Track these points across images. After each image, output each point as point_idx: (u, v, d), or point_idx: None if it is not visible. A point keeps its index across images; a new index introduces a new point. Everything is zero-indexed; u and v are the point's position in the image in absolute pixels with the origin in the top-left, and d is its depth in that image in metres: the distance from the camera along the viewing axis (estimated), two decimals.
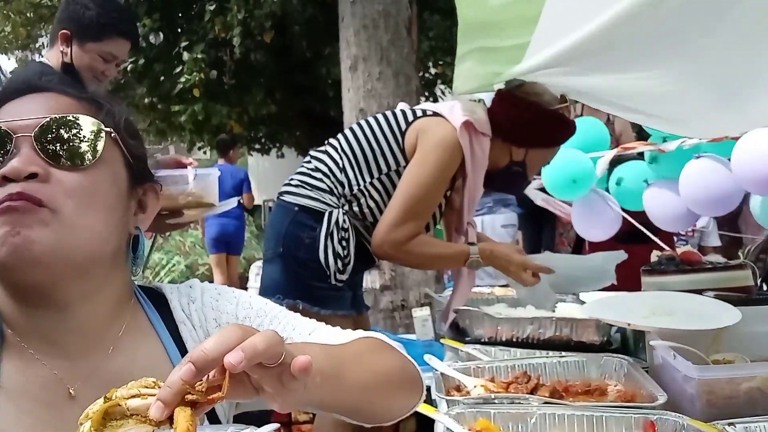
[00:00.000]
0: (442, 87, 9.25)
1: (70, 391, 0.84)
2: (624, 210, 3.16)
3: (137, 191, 0.92)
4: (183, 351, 0.93)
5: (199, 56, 7.14)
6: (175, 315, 0.96)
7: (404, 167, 2.07)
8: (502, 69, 2.28)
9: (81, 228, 0.81)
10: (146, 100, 8.12)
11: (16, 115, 0.83)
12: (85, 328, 0.86)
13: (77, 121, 0.84)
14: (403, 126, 2.10)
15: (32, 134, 0.81)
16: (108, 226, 0.85)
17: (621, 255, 2.09)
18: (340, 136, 2.18)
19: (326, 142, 2.20)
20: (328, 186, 2.10)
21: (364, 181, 2.08)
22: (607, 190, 3.28)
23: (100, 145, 0.84)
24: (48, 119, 0.82)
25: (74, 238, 0.81)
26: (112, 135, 0.87)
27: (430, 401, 1.42)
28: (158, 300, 0.97)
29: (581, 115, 4.28)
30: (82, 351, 0.86)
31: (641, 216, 3.13)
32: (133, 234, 0.92)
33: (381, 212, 2.09)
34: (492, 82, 2.33)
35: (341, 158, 2.11)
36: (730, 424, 1.11)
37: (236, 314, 0.98)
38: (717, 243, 4.76)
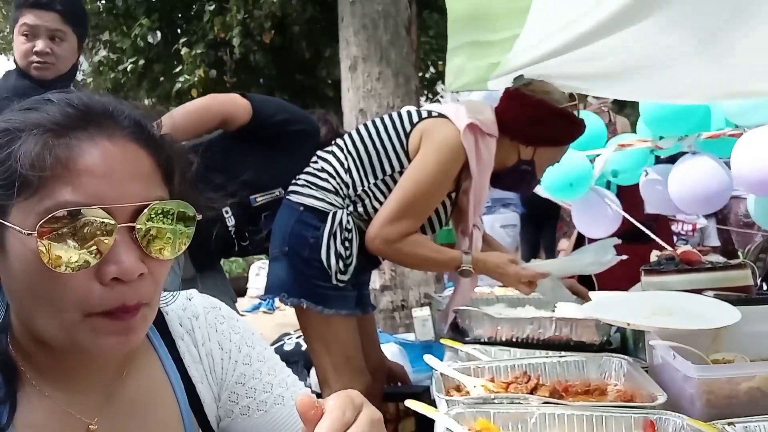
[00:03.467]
0: (442, 87, 9.24)
1: (90, 427, 0.83)
2: (624, 206, 3.17)
3: None
4: (181, 368, 0.93)
5: (199, 52, 7.13)
6: (173, 330, 0.95)
7: None
8: (493, 62, 2.27)
9: (156, 308, 0.82)
10: (146, 101, 8.11)
11: (102, 181, 0.71)
12: (103, 365, 0.86)
13: (173, 207, 0.77)
14: (408, 128, 2.10)
15: (135, 225, 0.73)
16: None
17: (613, 240, 2.09)
18: (346, 136, 2.19)
19: (333, 142, 2.21)
20: (333, 186, 2.10)
21: (369, 182, 2.09)
22: (607, 185, 3.30)
23: (191, 233, 0.80)
24: (146, 206, 0.74)
25: (152, 321, 0.81)
26: (198, 218, 0.81)
27: (429, 401, 1.42)
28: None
29: (584, 107, 4.28)
30: (99, 383, 0.85)
31: (641, 215, 3.13)
32: None
33: None
34: (484, 77, 2.32)
35: (347, 159, 2.12)
36: (729, 424, 1.10)
37: (240, 347, 0.98)
38: (716, 243, 4.76)
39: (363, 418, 0.63)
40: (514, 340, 1.94)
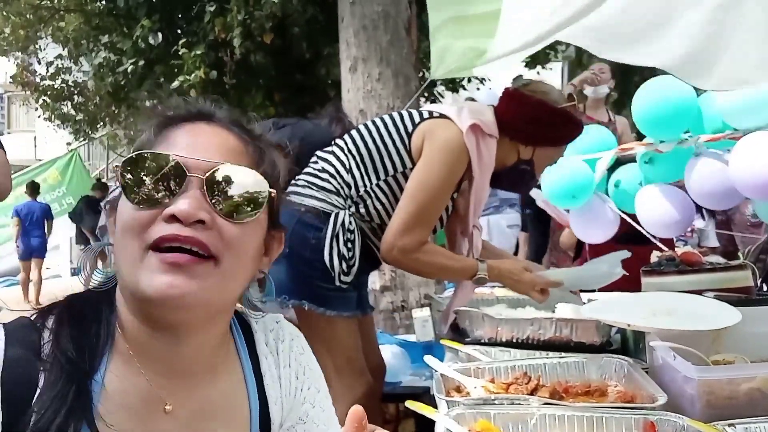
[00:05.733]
0: (442, 87, 9.24)
1: (166, 407, 0.86)
2: (622, 212, 3.17)
3: (269, 237, 0.94)
4: (260, 383, 0.96)
5: (199, 53, 7.13)
6: (258, 348, 0.99)
7: (411, 169, 2.07)
8: (477, 44, 2.23)
9: (232, 280, 0.86)
10: (147, 103, 8.11)
11: (189, 146, 0.84)
12: (194, 354, 0.89)
13: (247, 176, 0.85)
14: (410, 128, 2.09)
15: (204, 177, 0.82)
16: (248, 276, 0.91)
17: (624, 254, 2.08)
18: (346, 136, 2.17)
19: (333, 142, 2.19)
20: (334, 187, 2.09)
21: (371, 183, 2.08)
22: (607, 192, 3.29)
23: (261, 205, 0.86)
24: (220, 165, 0.83)
25: (225, 289, 0.85)
26: (272, 195, 0.88)
27: (430, 402, 1.42)
28: (245, 328, 1.00)
29: (584, 111, 4.29)
30: (184, 373, 0.89)
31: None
32: (258, 277, 0.96)
33: (388, 214, 2.08)
34: (469, 64, 2.30)
35: (348, 159, 2.10)
36: (730, 425, 1.11)
37: (310, 386, 1.02)
38: (715, 244, 4.76)
39: None
40: (514, 341, 1.94)
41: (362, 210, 2.08)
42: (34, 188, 10.32)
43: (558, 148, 2.21)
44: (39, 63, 10.38)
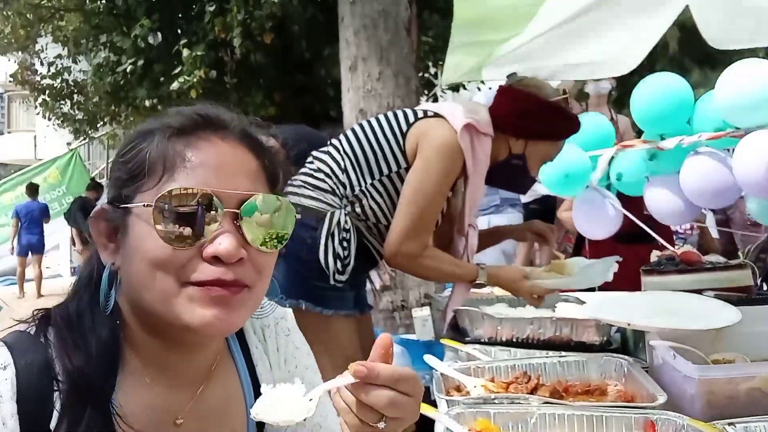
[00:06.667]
0: (441, 92, 9.24)
1: (177, 421, 0.87)
2: (625, 206, 3.17)
3: None
4: (253, 374, 0.96)
5: (199, 53, 7.13)
6: (248, 337, 0.99)
7: (405, 169, 2.07)
8: (491, 52, 2.29)
9: (260, 300, 0.87)
10: (147, 102, 8.11)
11: (214, 170, 0.81)
12: (203, 360, 0.90)
13: (275, 203, 0.84)
14: (404, 127, 2.09)
15: (239, 211, 0.80)
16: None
17: (614, 258, 2.11)
18: (342, 136, 2.17)
19: (329, 142, 2.20)
20: (330, 186, 2.09)
21: (366, 182, 2.08)
22: (608, 187, 3.29)
23: (289, 230, 0.85)
24: (251, 196, 0.81)
25: (254, 311, 0.87)
26: (297, 217, 0.87)
27: (430, 401, 1.42)
28: None
29: (587, 109, 4.28)
30: (190, 381, 0.89)
31: (641, 215, 3.13)
32: None
33: (383, 213, 2.09)
34: (476, 76, 2.35)
35: (343, 159, 2.11)
36: (730, 424, 1.11)
37: (297, 365, 1.02)
38: (715, 235, 4.75)
39: (411, 402, 0.78)
40: (514, 340, 1.94)
41: (358, 209, 2.09)
42: (33, 189, 10.37)
43: (552, 144, 2.18)
44: (42, 64, 10.37)
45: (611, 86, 4.53)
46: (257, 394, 0.94)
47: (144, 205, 0.79)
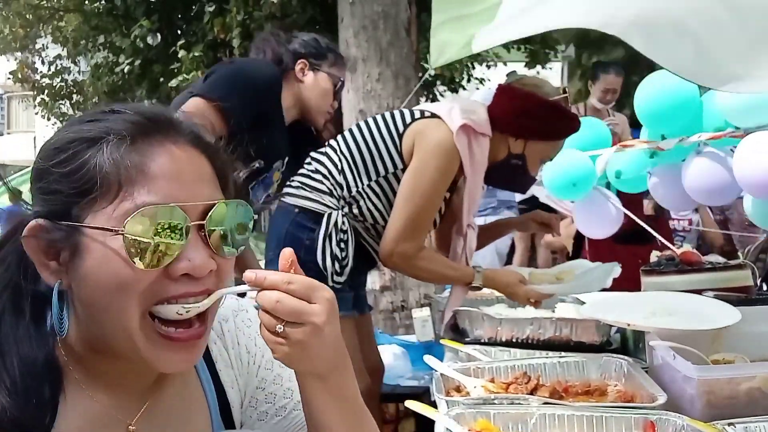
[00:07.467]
0: (442, 88, 9.24)
1: (130, 427, 0.84)
2: (624, 205, 3.17)
3: None
4: (213, 373, 0.93)
5: (198, 53, 7.13)
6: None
7: (402, 170, 2.07)
8: (475, 30, 2.26)
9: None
10: (146, 102, 8.11)
11: (171, 179, 0.75)
12: (153, 370, 0.85)
13: (236, 208, 0.81)
14: (401, 128, 2.09)
15: (204, 222, 0.77)
16: None
17: (614, 265, 2.12)
18: (339, 137, 2.18)
19: (326, 143, 2.20)
20: (327, 188, 2.09)
21: (363, 183, 2.08)
22: (607, 185, 3.30)
23: (248, 230, 0.83)
24: (214, 204, 0.78)
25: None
26: (255, 218, 0.85)
27: (430, 402, 1.42)
28: None
29: (585, 114, 4.30)
30: (142, 388, 0.86)
31: (641, 215, 3.13)
32: None
33: (381, 214, 2.09)
34: (465, 52, 2.33)
35: (340, 160, 2.11)
36: (730, 425, 1.10)
37: (263, 352, 0.98)
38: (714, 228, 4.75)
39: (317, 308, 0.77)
40: (514, 340, 1.93)
41: (355, 210, 2.09)
42: (17, 196, 10.37)
43: (551, 143, 2.18)
44: (43, 63, 10.38)
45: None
46: (218, 390, 0.93)
47: (112, 233, 0.73)
